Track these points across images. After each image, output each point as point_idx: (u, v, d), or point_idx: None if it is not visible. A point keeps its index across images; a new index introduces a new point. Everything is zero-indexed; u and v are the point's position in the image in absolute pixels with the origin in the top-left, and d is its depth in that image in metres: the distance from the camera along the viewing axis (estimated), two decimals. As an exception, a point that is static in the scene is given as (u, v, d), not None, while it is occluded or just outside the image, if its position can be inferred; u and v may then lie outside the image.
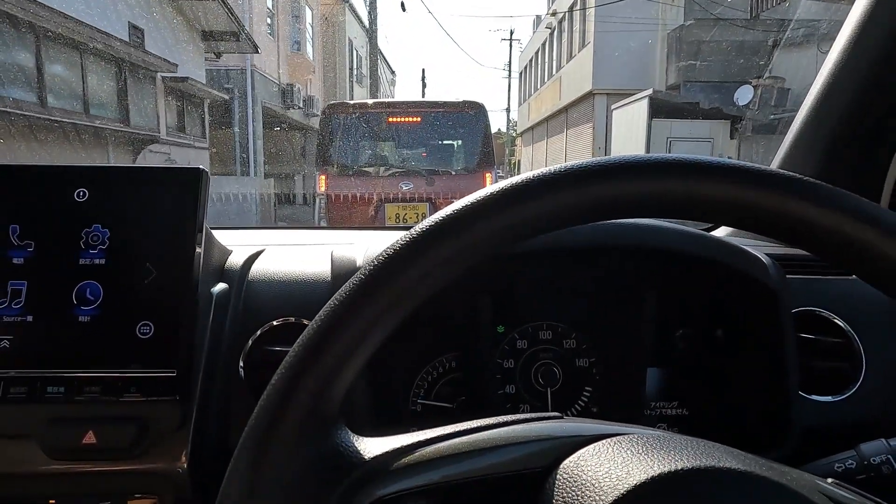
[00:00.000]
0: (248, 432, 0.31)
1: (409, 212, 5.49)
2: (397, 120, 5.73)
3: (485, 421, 0.35)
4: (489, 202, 0.33)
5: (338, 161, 5.59)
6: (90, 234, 0.56)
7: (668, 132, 11.59)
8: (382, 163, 5.77)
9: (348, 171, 5.61)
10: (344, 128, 5.66)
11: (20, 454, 0.54)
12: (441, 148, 5.89)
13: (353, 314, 0.32)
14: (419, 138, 5.79)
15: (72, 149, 6.74)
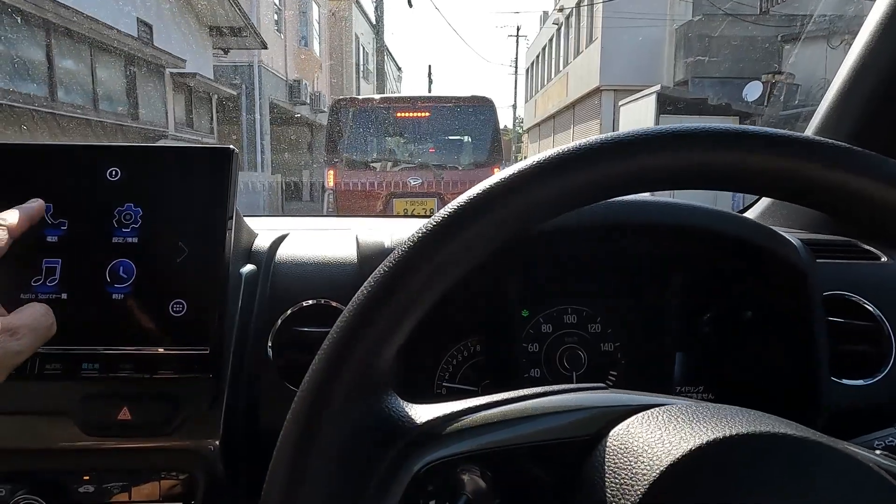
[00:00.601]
0: (301, 395, 0.32)
1: (417, 206, 5.49)
2: (406, 114, 5.72)
3: (532, 390, 0.35)
4: (539, 169, 0.33)
5: (346, 155, 5.60)
6: (123, 213, 0.56)
7: (677, 128, 11.53)
8: (391, 157, 5.77)
9: (357, 165, 5.61)
10: (352, 122, 5.66)
11: (56, 430, 0.54)
12: (449, 143, 5.88)
13: (403, 281, 0.32)
14: (428, 133, 5.78)
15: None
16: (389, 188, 5.44)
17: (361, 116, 5.71)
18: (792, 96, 10.37)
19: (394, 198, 5.47)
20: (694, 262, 0.70)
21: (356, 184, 5.46)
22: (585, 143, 0.33)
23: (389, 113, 5.73)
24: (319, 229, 0.85)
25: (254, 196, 10.47)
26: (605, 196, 0.34)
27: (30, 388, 0.53)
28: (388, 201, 5.45)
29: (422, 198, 5.48)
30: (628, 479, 0.29)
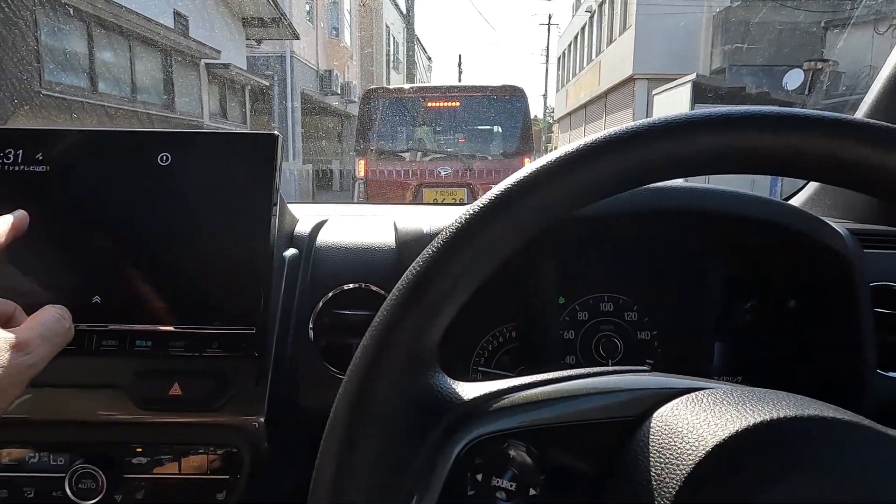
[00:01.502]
0: (352, 370, 0.33)
1: (446, 196, 5.49)
2: (436, 104, 5.71)
3: (576, 371, 0.35)
4: (593, 148, 0.33)
5: (377, 146, 5.62)
6: (173, 196, 0.58)
7: (712, 118, 11.25)
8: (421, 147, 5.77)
9: (387, 155, 5.63)
10: (383, 112, 5.68)
11: (111, 403, 0.57)
12: (480, 132, 5.85)
13: (451, 258, 0.33)
14: (458, 123, 5.76)
15: (121, 133, 6.95)
16: (419, 178, 5.45)
17: (392, 106, 5.72)
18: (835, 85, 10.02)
19: (424, 187, 5.48)
20: (735, 249, 0.70)
21: (386, 174, 5.48)
22: (647, 121, 0.33)
23: (420, 102, 5.72)
24: (357, 215, 0.87)
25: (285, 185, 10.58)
26: (669, 176, 0.34)
27: (87, 363, 0.56)
28: (418, 191, 5.46)
29: (451, 188, 5.48)
30: (673, 459, 0.29)
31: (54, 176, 0.58)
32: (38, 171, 0.58)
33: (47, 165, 0.58)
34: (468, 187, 5.46)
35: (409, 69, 15.37)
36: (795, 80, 11.43)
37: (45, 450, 0.58)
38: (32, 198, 0.58)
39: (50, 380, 0.57)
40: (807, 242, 0.63)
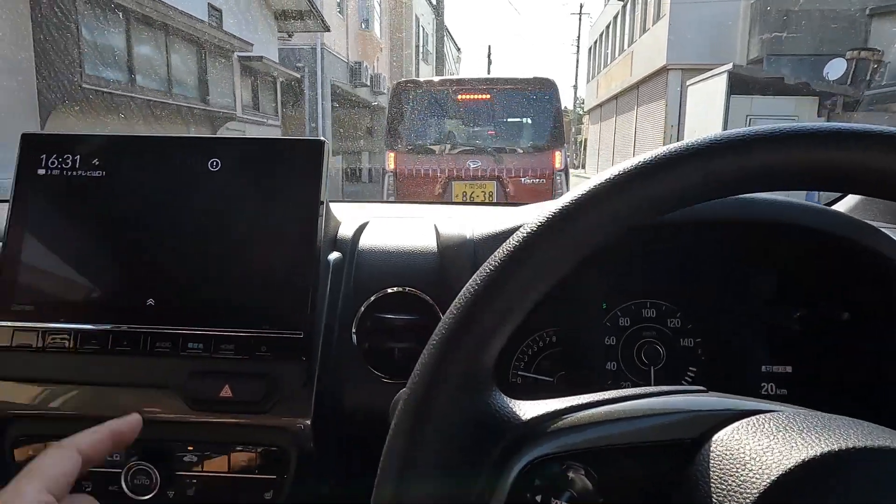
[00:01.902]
0: (411, 390, 0.33)
1: (476, 190, 5.47)
2: (467, 97, 5.68)
3: (633, 390, 0.35)
4: (653, 165, 0.33)
5: (407, 138, 5.62)
6: (223, 202, 0.59)
7: (749, 109, 10.97)
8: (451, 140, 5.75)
9: (417, 148, 5.63)
10: (413, 105, 5.67)
11: (164, 403, 0.58)
12: (510, 125, 5.80)
13: (510, 277, 0.33)
14: (489, 115, 5.72)
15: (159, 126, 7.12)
16: (449, 171, 5.43)
17: (423, 99, 5.71)
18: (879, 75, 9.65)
19: (453, 181, 5.46)
20: (782, 258, 0.68)
21: (416, 167, 5.48)
22: (713, 135, 0.33)
23: (451, 95, 5.70)
24: (397, 217, 0.87)
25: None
26: (745, 190, 0.34)
27: (141, 364, 0.57)
28: (448, 184, 5.45)
29: (481, 181, 5.45)
30: (735, 486, 0.29)
31: (110, 181, 0.60)
32: (94, 175, 0.60)
33: (103, 171, 0.60)
34: (498, 181, 5.42)
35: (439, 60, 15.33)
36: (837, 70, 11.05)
37: None
38: (89, 202, 0.60)
39: (106, 378, 0.59)
40: (857, 250, 0.61)
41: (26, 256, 0.59)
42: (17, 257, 0.58)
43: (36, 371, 0.59)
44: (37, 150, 0.61)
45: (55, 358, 0.58)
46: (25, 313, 0.58)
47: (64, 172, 0.60)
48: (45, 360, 0.58)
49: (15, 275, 0.58)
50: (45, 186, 0.60)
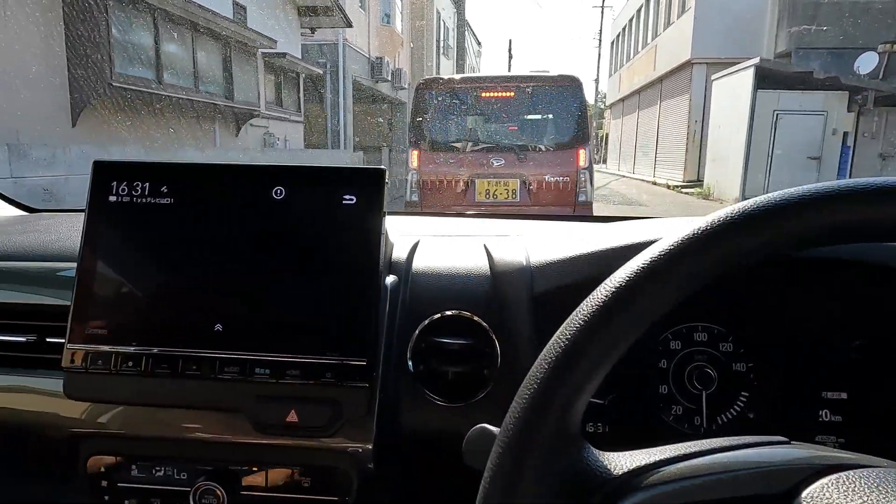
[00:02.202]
0: (502, 446, 0.33)
1: (499, 188, 5.46)
2: (491, 95, 5.66)
3: (719, 441, 0.36)
4: (746, 216, 0.33)
5: (430, 136, 5.62)
6: (287, 229, 0.61)
7: (776, 104, 10.77)
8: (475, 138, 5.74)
9: (440, 146, 5.63)
10: (437, 103, 5.67)
11: (231, 425, 0.60)
12: (535, 123, 5.77)
13: (607, 325, 0.33)
14: (513, 113, 5.69)
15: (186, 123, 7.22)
16: (472, 169, 5.43)
17: (447, 97, 5.71)
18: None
19: (476, 178, 5.46)
20: (843, 286, 0.67)
21: (440, 164, 5.48)
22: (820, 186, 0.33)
23: (475, 93, 5.68)
24: (445, 235, 0.88)
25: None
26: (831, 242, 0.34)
27: (209, 387, 0.59)
28: (471, 182, 5.44)
29: (504, 179, 5.44)
30: None
31: (177, 207, 0.62)
32: (163, 203, 0.62)
33: (171, 197, 0.62)
34: (521, 178, 5.41)
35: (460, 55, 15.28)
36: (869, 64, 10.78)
37: (171, 465, 0.63)
38: (158, 229, 0.62)
39: (175, 401, 0.61)
40: None
41: (99, 282, 0.61)
42: (90, 282, 0.61)
43: (109, 393, 0.61)
44: (108, 176, 0.63)
45: (127, 380, 0.60)
46: (99, 337, 0.60)
47: (134, 199, 0.62)
48: (117, 382, 0.60)
49: (89, 299, 0.60)
50: (115, 213, 0.62)
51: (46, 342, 0.68)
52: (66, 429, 0.65)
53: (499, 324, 0.67)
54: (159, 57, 6.52)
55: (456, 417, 0.65)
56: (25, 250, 0.79)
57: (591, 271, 0.64)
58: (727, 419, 0.71)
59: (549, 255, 0.68)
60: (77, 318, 0.60)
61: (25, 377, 0.68)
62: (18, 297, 0.72)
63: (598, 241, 0.68)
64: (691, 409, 0.72)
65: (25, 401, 0.67)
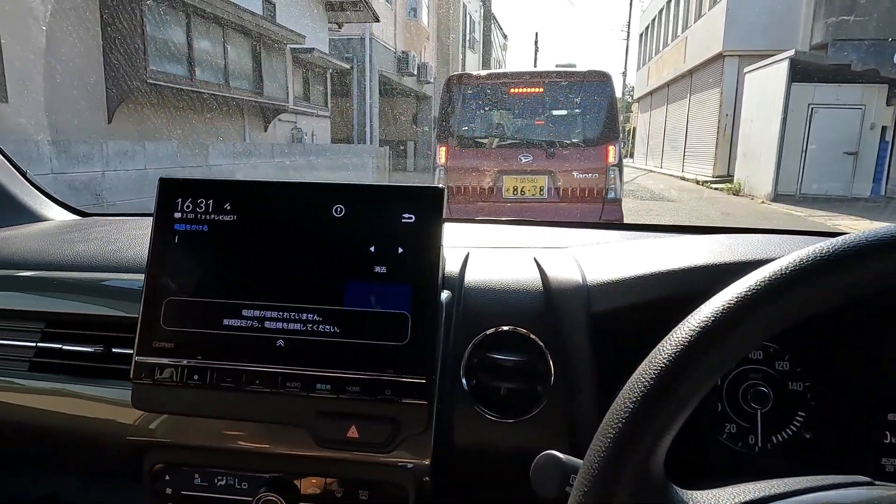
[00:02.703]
0: (583, 493, 0.33)
1: (526, 184, 5.43)
2: (520, 91, 5.62)
3: (800, 482, 0.35)
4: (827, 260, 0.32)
5: (458, 132, 5.61)
6: (347, 248, 0.62)
7: (811, 98, 10.49)
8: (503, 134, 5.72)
9: (468, 142, 5.62)
10: (465, 99, 5.65)
11: (292, 438, 0.62)
12: (563, 119, 5.72)
13: (694, 364, 0.33)
14: (541, 109, 5.65)
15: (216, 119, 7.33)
16: (500, 165, 5.40)
17: (475, 93, 5.68)
18: (958, 61, 9.05)
19: (504, 174, 5.44)
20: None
21: (467, 161, 5.47)
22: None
23: (503, 89, 5.65)
24: (492, 247, 0.88)
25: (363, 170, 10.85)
26: None
27: (272, 401, 0.61)
28: (499, 178, 5.43)
29: (532, 175, 5.41)
30: None
31: (241, 224, 0.63)
32: (226, 220, 0.63)
33: (234, 214, 0.63)
34: (549, 175, 5.37)
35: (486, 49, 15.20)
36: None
37: (232, 475, 0.64)
38: (222, 245, 0.63)
39: (238, 414, 0.63)
40: None
41: (165, 296, 0.62)
42: (157, 296, 0.62)
43: (174, 404, 0.63)
44: (173, 194, 0.64)
45: (192, 393, 0.61)
46: (165, 350, 0.62)
47: (198, 216, 0.64)
48: (182, 394, 0.62)
49: (156, 314, 0.62)
50: (181, 229, 0.64)
51: (112, 352, 0.70)
52: (132, 437, 0.67)
53: (553, 341, 0.67)
54: (191, 54, 6.63)
55: (509, 434, 0.66)
56: (89, 259, 0.82)
57: (653, 293, 0.64)
58: (783, 439, 0.70)
59: (607, 273, 0.68)
60: (145, 331, 0.62)
61: (93, 386, 0.70)
62: (87, 308, 0.74)
63: (657, 260, 0.68)
64: (745, 427, 0.71)
65: (93, 409, 0.69)
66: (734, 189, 12.21)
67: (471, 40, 20.31)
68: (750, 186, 11.67)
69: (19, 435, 0.73)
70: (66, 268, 0.80)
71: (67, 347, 0.72)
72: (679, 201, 10.69)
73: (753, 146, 11.60)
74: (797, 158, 10.56)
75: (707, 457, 0.71)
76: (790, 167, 10.57)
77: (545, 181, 5.37)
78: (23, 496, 0.89)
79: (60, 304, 0.75)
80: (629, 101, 30.51)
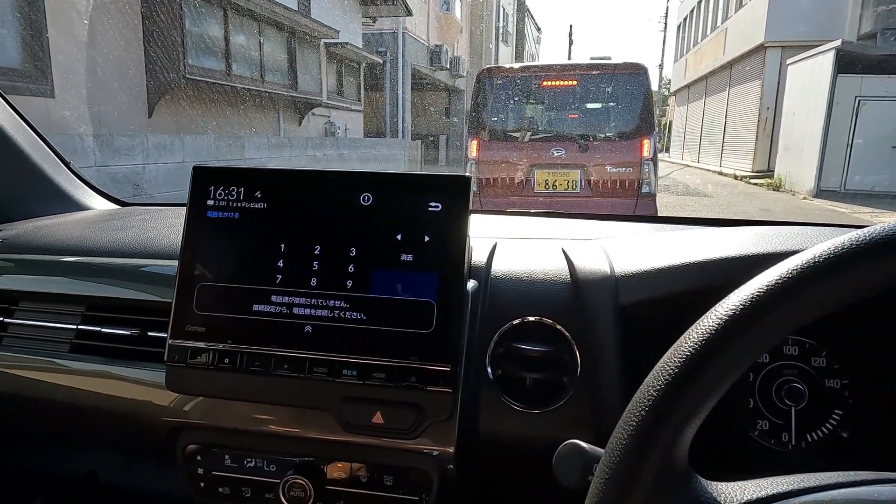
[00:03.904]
0: (605, 480, 0.33)
1: (559, 178, 5.38)
2: (553, 84, 5.56)
3: (835, 476, 0.34)
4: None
5: (490, 126, 5.59)
6: (374, 235, 0.62)
7: (858, 90, 10.08)
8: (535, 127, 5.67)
9: (499, 136, 5.59)
10: (498, 92, 5.62)
11: (319, 423, 0.63)
12: (597, 112, 5.63)
13: (712, 361, 0.32)
14: (575, 103, 5.58)
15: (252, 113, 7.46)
16: (532, 159, 5.36)
17: (507, 86, 5.65)
18: None
19: (536, 169, 5.40)
20: None
21: (499, 155, 5.45)
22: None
23: (536, 82, 5.59)
24: (520, 237, 0.88)
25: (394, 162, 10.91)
26: None
27: (299, 385, 0.62)
28: (530, 172, 5.39)
29: (564, 169, 5.35)
30: None
31: (270, 212, 0.64)
32: (257, 207, 0.64)
33: (264, 202, 0.65)
34: (582, 169, 5.30)
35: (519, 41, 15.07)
36: (966, 46, 9.92)
37: (261, 457, 0.66)
38: (252, 233, 0.64)
39: (267, 397, 0.64)
40: None
41: (198, 282, 0.64)
42: (190, 282, 0.64)
43: (206, 387, 0.64)
44: (206, 181, 0.66)
45: (223, 376, 0.63)
46: (198, 334, 0.63)
47: (230, 203, 0.65)
48: (214, 377, 0.63)
49: (189, 299, 0.64)
50: (213, 216, 0.65)
51: (148, 335, 0.73)
52: (166, 418, 0.69)
53: (580, 332, 0.66)
54: (228, 49, 6.76)
55: (534, 424, 0.65)
56: (127, 246, 0.84)
57: (683, 284, 0.63)
58: (818, 437, 0.68)
59: (636, 263, 0.67)
60: (178, 315, 0.63)
61: (129, 368, 0.72)
62: (123, 292, 0.77)
63: (687, 251, 0.66)
64: (779, 424, 0.69)
65: (130, 390, 0.72)
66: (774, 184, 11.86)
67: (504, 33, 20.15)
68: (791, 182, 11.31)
69: (60, 414, 0.77)
70: (106, 254, 0.83)
71: (106, 330, 0.74)
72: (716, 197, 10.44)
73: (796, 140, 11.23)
74: (842, 153, 10.18)
75: (739, 454, 0.69)
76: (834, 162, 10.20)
77: (578, 175, 5.30)
78: (63, 473, 0.93)
79: (100, 288, 0.78)
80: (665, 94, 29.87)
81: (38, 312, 0.78)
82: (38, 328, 0.77)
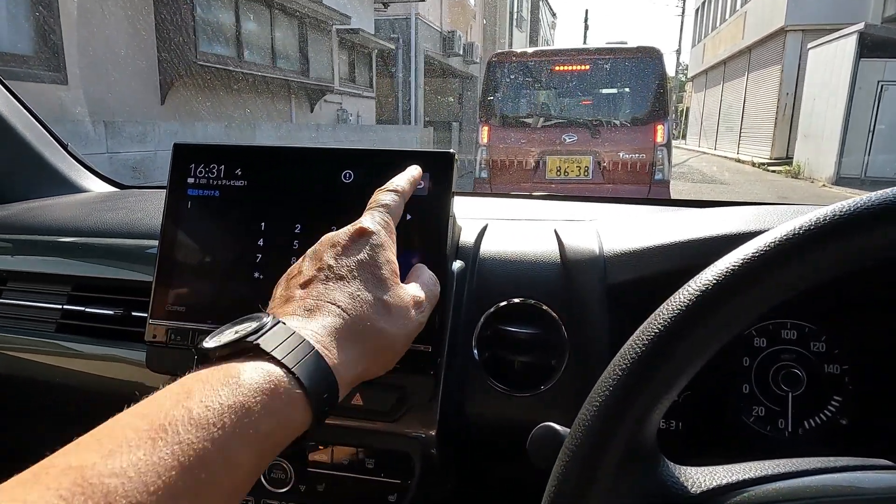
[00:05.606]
0: (564, 466, 0.32)
1: (571, 165, 5.32)
2: (566, 68, 5.48)
3: (813, 462, 0.32)
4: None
5: (501, 112, 5.54)
6: (355, 213, 0.60)
7: (881, 75, 9.84)
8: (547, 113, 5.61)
9: (511, 122, 5.54)
10: (509, 78, 5.56)
11: None
12: (610, 98, 5.56)
13: (681, 339, 0.31)
14: (588, 88, 5.50)
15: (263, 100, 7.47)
16: (544, 145, 5.31)
17: (520, 72, 5.59)
18: None
19: (547, 155, 5.35)
20: None
21: (510, 140, 5.40)
22: None
23: (548, 67, 5.53)
24: (514, 219, 0.86)
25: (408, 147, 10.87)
26: None
27: None
28: (542, 158, 5.34)
29: (576, 156, 5.30)
30: None
31: (250, 190, 0.63)
32: (237, 185, 0.63)
33: (245, 180, 0.63)
34: (594, 155, 5.24)
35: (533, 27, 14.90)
36: None
37: None
38: (233, 211, 0.63)
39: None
40: None
41: (178, 261, 0.63)
42: (170, 262, 0.63)
43: (186, 367, 0.64)
44: (187, 159, 0.65)
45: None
46: (178, 314, 0.62)
47: (210, 181, 0.64)
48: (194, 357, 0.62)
49: (169, 278, 0.63)
50: (193, 194, 0.64)
51: (132, 315, 0.72)
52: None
53: (569, 314, 0.64)
54: (239, 35, 6.75)
55: (521, 407, 0.64)
56: (114, 227, 0.84)
57: (671, 263, 0.61)
58: (815, 424, 0.66)
59: (625, 243, 0.65)
60: (158, 295, 0.63)
61: (114, 348, 0.72)
62: (108, 272, 0.76)
63: (678, 230, 0.64)
64: (775, 410, 0.67)
65: (114, 369, 0.71)
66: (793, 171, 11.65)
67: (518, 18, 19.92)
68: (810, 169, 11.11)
69: (46, 392, 0.77)
70: (93, 234, 0.82)
71: (90, 310, 0.74)
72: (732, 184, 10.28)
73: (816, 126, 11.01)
74: (863, 139, 9.97)
75: (733, 440, 0.67)
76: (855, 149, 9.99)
77: (590, 161, 5.25)
78: (49, 452, 0.93)
79: (86, 268, 0.78)
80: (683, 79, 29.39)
81: (25, 292, 0.78)
82: (24, 308, 0.77)
